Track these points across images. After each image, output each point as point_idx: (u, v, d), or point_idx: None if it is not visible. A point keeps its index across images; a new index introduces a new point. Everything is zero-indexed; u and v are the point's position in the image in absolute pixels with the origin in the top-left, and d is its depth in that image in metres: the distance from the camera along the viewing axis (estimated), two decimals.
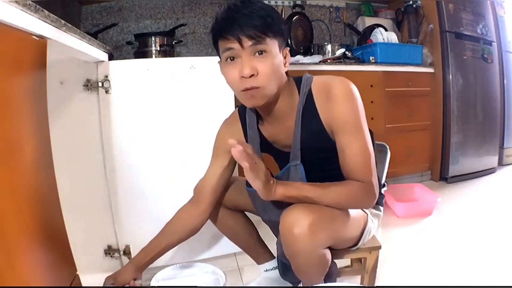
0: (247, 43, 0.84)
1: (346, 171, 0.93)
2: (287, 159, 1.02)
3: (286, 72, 0.97)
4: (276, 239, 1.04)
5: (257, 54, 0.86)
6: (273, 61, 0.87)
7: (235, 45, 0.85)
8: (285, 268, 1.08)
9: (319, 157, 0.99)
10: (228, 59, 0.88)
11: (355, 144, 0.91)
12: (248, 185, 1.09)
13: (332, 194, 0.91)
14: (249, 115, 1.06)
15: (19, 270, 0.64)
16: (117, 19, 2.51)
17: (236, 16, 0.84)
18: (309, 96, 0.96)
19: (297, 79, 0.99)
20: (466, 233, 1.84)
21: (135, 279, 1.10)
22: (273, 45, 0.87)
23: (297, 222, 0.86)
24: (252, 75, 0.85)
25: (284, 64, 0.93)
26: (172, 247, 1.15)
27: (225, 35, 0.86)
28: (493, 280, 1.36)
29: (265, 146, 1.07)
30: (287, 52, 0.94)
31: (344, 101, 0.91)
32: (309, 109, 0.96)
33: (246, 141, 1.09)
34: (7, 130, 0.63)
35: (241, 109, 1.11)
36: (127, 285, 1.09)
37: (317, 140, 0.96)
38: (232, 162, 1.12)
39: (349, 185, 0.92)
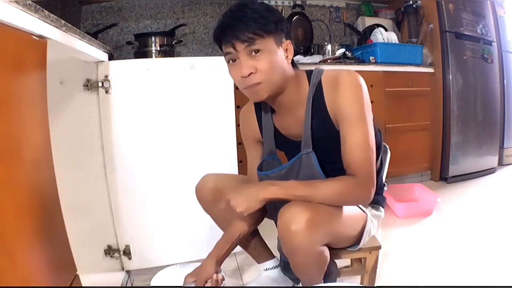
0: (240, 46, 0.90)
1: (345, 162, 0.94)
2: (298, 149, 1.03)
3: (295, 65, 1.00)
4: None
5: (253, 53, 0.90)
6: (269, 58, 0.91)
7: (231, 49, 0.91)
8: (285, 264, 1.08)
9: (330, 148, 0.99)
10: (230, 61, 0.95)
11: (356, 135, 0.92)
12: (259, 169, 1.10)
13: (323, 192, 0.92)
14: (264, 106, 1.10)
15: (19, 270, 0.63)
16: (117, 19, 2.51)
17: (228, 22, 0.91)
18: (319, 87, 0.99)
19: (308, 71, 1.03)
20: (466, 233, 1.84)
21: (216, 273, 1.09)
22: (267, 43, 0.91)
23: (295, 219, 0.86)
24: (251, 73, 0.90)
25: (286, 57, 0.96)
26: (245, 236, 1.15)
27: (222, 41, 0.93)
28: (493, 280, 1.36)
29: (277, 137, 1.10)
30: (288, 44, 0.97)
31: (349, 91, 0.94)
32: (318, 99, 0.98)
33: (261, 130, 1.13)
34: (7, 130, 0.63)
35: None
36: (209, 281, 1.08)
37: (326, 129, 0.98)
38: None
39: (341, 181, 0.93)
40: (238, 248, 1.32)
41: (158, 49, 2.32)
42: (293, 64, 1.01)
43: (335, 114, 0.96)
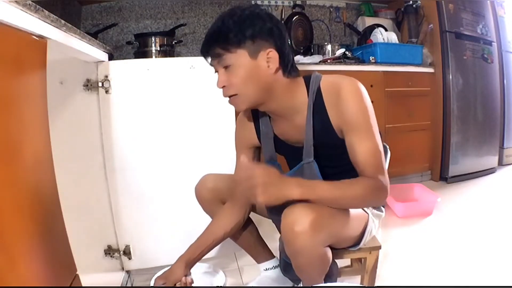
0: (213, 61, 0.93)
1: (359, 169, 0.94)
2: (299, 155, 1.02)
3: (290, 71, 0.97)
4: (280, 235, 1.04)
5: (225, 67, 0.92)
6: (239, 72, 0.91)
7: (209, 62, 0.95)
8: (286, 265, 1.08)
9: (331, 153, 1.00)
10: (216, 72, 0.96)
11: (366, 143, 0.92)
12: None
13: (350, 194, 0.90)
14: (261, 111, 1.09)
15: (19, 270, 0.63)
16: (117, 19, 2.52)
17: (205, 37, 0.93)
18: (318, 94, 0.97)
19: (306, 77, 1.01)
20: (466, 233, 1.84)
21: (185, 276, 1.11)
22: (238, 57, 0.89)
23: (298, 220, 0.86)
24: (224, 86, 0.93)
25: (268, 66, 0.91)
26: (219, 242, 1.16)
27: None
28: (493, 280, 1.36)
29: (276, 142, 1.09)
30: (270, 52, 0.90)
31: (353, 101, 0.93)
32: (318, 107, 0.97)
33: (258, 136, 1.12)
34: (7, 130, 0.63)
35: None
36: (178, 283, 1.09)
37: (327, 136, 0.97)
38: (256, 155, 1.17)
39: (364, 183, 0.91)
40: (238, 248, 1.32)
41: (158, 49, 2.32)
42: (286, 70, 0.95)
43: (339, 124, 0.95)
